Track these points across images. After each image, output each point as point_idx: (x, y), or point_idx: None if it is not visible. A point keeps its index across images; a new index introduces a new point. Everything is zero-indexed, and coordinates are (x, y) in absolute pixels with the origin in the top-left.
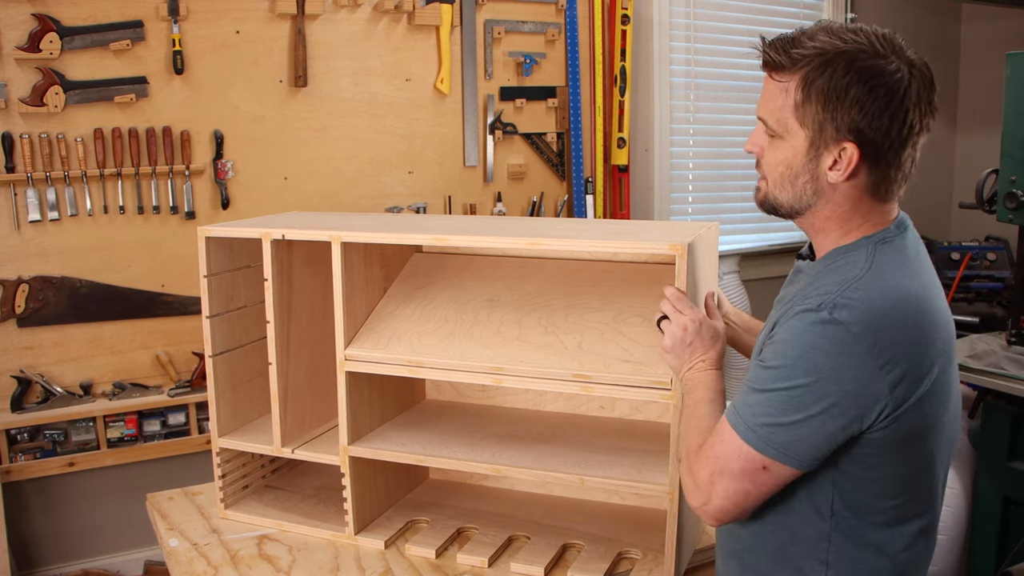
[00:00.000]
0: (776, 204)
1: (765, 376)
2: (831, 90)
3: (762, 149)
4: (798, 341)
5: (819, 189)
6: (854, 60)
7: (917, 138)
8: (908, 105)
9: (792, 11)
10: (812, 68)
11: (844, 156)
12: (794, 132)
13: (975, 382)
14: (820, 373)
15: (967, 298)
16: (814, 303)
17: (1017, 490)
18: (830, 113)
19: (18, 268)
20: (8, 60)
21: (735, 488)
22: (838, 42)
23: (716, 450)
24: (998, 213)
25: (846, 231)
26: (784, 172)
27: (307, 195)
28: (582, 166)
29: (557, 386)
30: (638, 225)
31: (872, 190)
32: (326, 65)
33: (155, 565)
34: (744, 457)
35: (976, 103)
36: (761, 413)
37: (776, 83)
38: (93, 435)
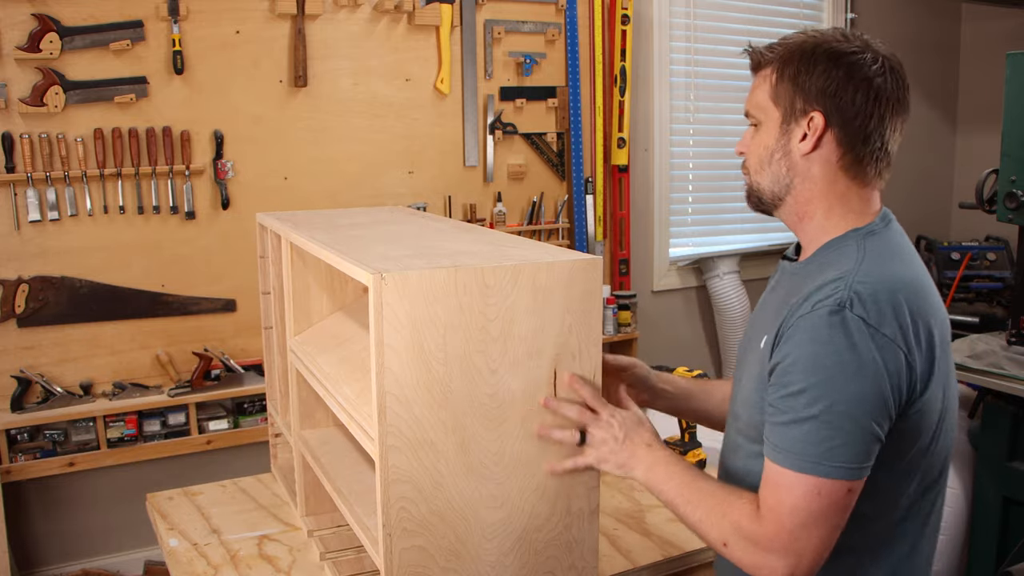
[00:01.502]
0: (759, 192)
1: (803, 401)
2: (801, 69)
3: (748, 147)
4: (827, 350)
5: (792, 165)
6: (822, 45)
7: (885, 119)
8: (875, 84)
9: (792, 11)
10: (786, 53)
11: (812, 125)
12: (770, 113)
13: (975, 382)
14: (862, 374)
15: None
16: (831, 304)
17: (1017, 490)
18: (798, 88)
19: (18, 268)
20: (8, 60)
21: (828, 528)
22: (808, 37)
23: (787, 505)
24: (998, 213)
25: (828, 215)
26: (762, 154)
27: (307, 195)
28: (582, 166)
29: None
30: (522, 245)
31: (845, 167)
32: (326, 65)
33: (155, 565)
34: (825, 493)
35: (976, 103)
36: (820, 441)
37: (757, 77)
38: (93, 435)
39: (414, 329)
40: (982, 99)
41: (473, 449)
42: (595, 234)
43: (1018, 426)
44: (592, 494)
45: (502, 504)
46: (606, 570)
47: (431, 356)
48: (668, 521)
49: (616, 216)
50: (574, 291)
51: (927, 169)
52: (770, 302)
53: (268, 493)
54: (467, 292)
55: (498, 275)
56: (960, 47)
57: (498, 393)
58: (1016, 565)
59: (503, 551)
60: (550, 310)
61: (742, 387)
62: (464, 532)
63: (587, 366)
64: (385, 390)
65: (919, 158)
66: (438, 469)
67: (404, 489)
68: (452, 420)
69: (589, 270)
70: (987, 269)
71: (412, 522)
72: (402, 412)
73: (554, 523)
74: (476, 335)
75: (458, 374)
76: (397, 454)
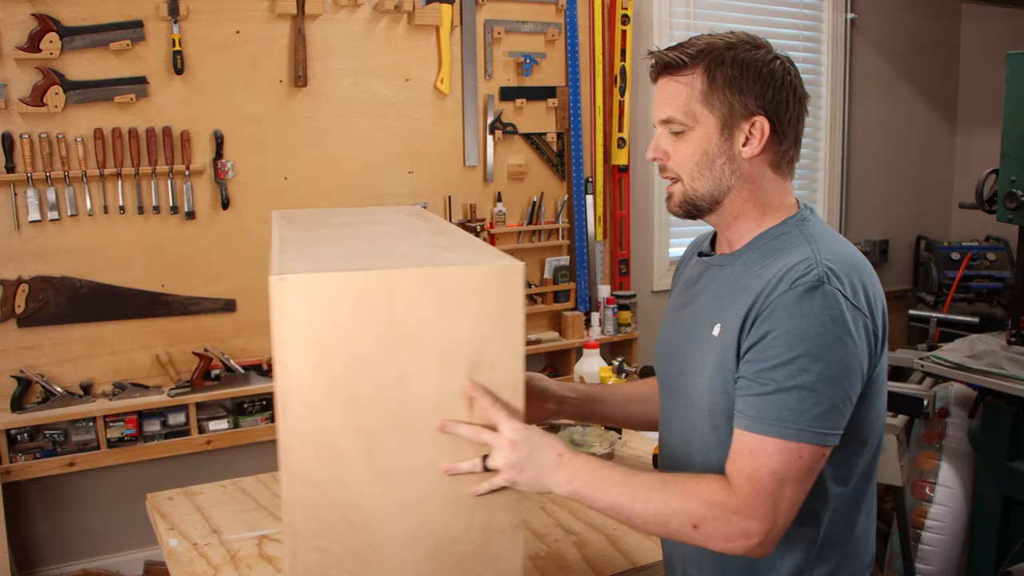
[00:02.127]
0: (695, 198)
1: (789, 371)
2: (733, 74)
3: (666, 153)
4: (811, 323)
5: (736, 168)
6: (743, 51)
7: (802, 116)
8: (793, 84)
9: (792, 11)
10: (711, 59)
11: (756, 130)
12: (703, 119)
13: (975, 382)
14: (843, 343)
15: (967, 298)
16: (811, 281)
17: (1017, 490)
18: (737, 94)
19: (18, 268)
20: (8, 60)
21: (802, 490)
22: (721, 41)
23: (767, 469)
24: (998, 213)
25: (762, 211)
26: (700, 159)
27: (307, 195)
28: (582, 166)
29: None
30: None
31: (775, 165)
32: (326, 65)
33: (155, 565)
34: (806, 456)
35: (976, 103)
36: (805, 409)
37: (676, 82)
38: (93, 435)
39: (316, 332)
40: (982, 99)
41: (382, 455)
42: (595, 234)
43: (1018, 426)
44: (513, 509)
45: (414, 513)
46: (606, 570)
47: (335, 359)
48: None
49: (616, 216)
50: (491, 299)
51: (927, 169)
52: (699, 293)
53: (268, 493)
54: (373, 296)
55: (406, 280)
56: (960, 47)
57: (408, 400)
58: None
59: (416, 560)
60: (463, 318)
61: (695, 378)
62: (373, 538)
63: (505, 377)
64: (286, 390)
65: (919, 158)
66: (344, 473)
67: (307, 490)
68: (358, 424)
69: (507, 278)
70: (987, 269)
71: (317, 523)
72: (304, 414)
73: (472, 536)
74: (383, 340)
75: (364, 379)
76: (299, 455)
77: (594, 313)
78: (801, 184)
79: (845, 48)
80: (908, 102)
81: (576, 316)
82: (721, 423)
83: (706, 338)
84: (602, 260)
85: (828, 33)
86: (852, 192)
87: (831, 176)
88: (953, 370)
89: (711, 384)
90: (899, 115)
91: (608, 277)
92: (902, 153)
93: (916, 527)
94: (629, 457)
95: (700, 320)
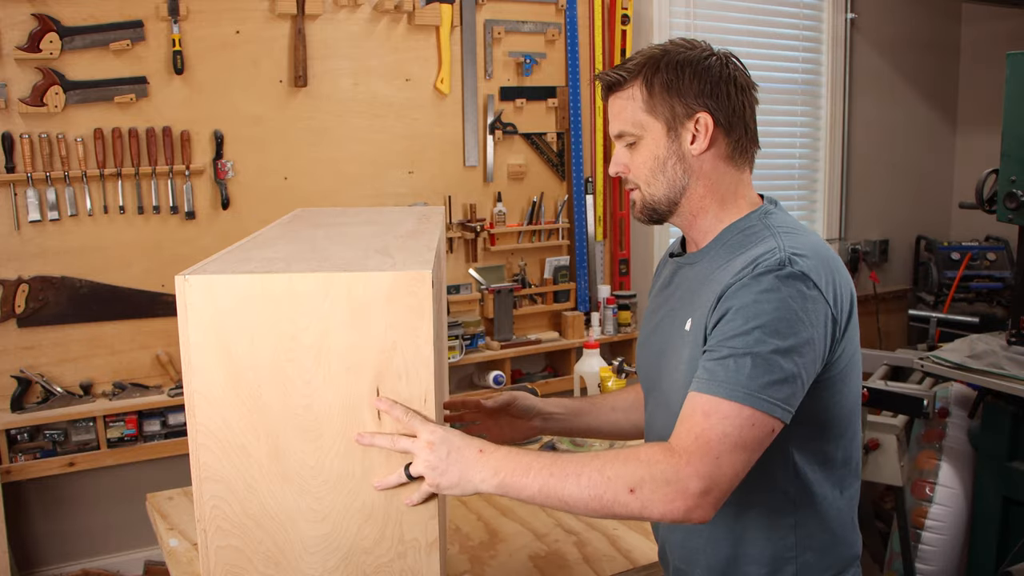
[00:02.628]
0: (654, 202)
1: (745, 341)
2: (669, 78)
3: (626, 166)
4: (770, 298)
5: (688, 167)
6: (676, 54)
7: (749, 105)
8: (734, 75)
9: (792, 11)
10: (647, 70)
11: (700, 125)
12: (650, 126)
13: (975, 382)
14: (800, 323)
15: (967, 298)
16: (772, 264)
17: (1017, 490)
18: (676, 96)
19: (18, 268)
20: (8, 60)
21: (747, 459)
22: (657, 49)
23: (717, 431)
24: (998, 213)
25: (720, 205)
26: (652, 164)
27: (307, 195)
28: (582, 166)
29: None
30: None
31: (728, 157)
32: (326, 65)
33: (155, 565)
34: (759, 424)
35: (976, 103)
36: (757, 376)
37: (620, 98)
38: (93, 435)
39: (221, 332)
40: (982, 99)
41: (288, 459)
42: (595, 234)
43: (1018, 426)
44: (429, 525)
45: (323, 519)
46: (606, 570)
47: (240, 361)
48: None
49: (616, 216)
50: (397, 307)
51: (927, 169)
52: (672, 293)
53: None
54: (275, 300)
55: (308, 284)
56: (960, 47)
57: (313, 405)
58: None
59: (327, 568)
60: (368, 325)
61: (671, 374)
62: (283, 541)
63: (415, 388)
64: (193, 389)
65: (919, 158)
66: (251, 473)
67: (216, 488)
68: (264, 427)
69: (414, 286)
70: (987, 269)
71: (226, 521)
72: (211, 413)
73: (384, 548)
74: (287, 344)
75: (268, 381)
76: (207, 453)
77: (594, 313)
78: (801, 184)
79: (845, 48)
80: (908, 102)
81: (576, 316)
82: None
83: (679, 335)
84: (602, 260)
85: (828, 33)
86: (852, 192)
87: (831, 176)
88: (953, 370)
89: (684, 378)
90: (899, 115)
91: (608, 277)
92: (902, 153)
93: (916, 527)
94: None
95: (674, 318)
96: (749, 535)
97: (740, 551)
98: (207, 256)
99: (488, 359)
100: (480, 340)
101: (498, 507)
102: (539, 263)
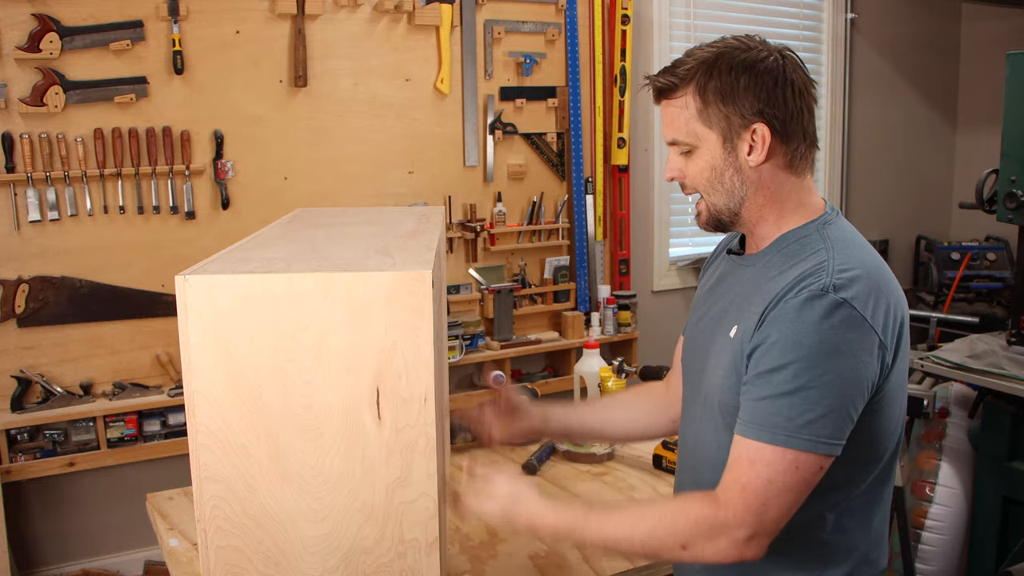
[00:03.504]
0: (717, 212)
1: (783, 377)
2: (723, 86)
3: (681, 172)
4: (809, 331)
5: (745, 179)
6: (731, 57)
7: (808, 111)
8: (791, 78)
9: (792, 11)
10: (700, 76)
11: (757, 137)
12: (704, 137)
13: (975, 382)
14: (841, 353)
15: (967, 298)
16: (815, 289)
17: (1017, 490)
18: (731, 106)
19: (18, 268)
20: (8, 60)
21: (794, 502)
22: (710, 51)
23: (762, 478)
24: (998, 213)
25: (780, 214)
26: (710, 176)
27: (307, 195)
28: (582, 166)
29: None
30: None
31: (788, 166)
32: (326, 65)
33: (155, 565)
34: (802, 466)
35: (976, 103)
36: (797, 415)
37: (673, 106)
38: (93, 435)
39: (221, 332)
40: (982, 99)
41: (288, 459)
42: (595, 234)
43: (1018, 426)
44: (429, 524)
45: (323, 519)
46: (606, 570)
47: (240, 361)
48: None
49: (616, 216)
50: (397, 307)
51: (927, 169)
52: (724, 292)
53: None
54: (275, 300)
55: (308, 284)
56: (960, 47)
57: (313, 405)
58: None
59: (327, 568)
60: (368, 325)
61: (712, 376)
62: (283, 541)
63: (415, 388)
64: (193, 389)
65: (919, 158)
66: (251, 473)
67: (216, 488)
68: (264, 426)
69: (414, 286)
70: (987, 269)
71: (227, 522)
72: (211, 412)
73: (385, 548)
74: (287, 344)
75: (268, 381)
76: (208, 453)
77: (594, 313)
78: None
79: (845, 48)
80: (908, 102)
81: (576, 316)
82: (733, 422)
83: (724, 338)
84: (602, 260)
85: (828, 33)
86: (852, 192)
87: (831, 176)
88: (953, 370)
89: (724, 383)
90: (899, 115)
91: (608, 277)
92: (902, 153)
93: (916, 527)
94: (629, 457)
95: (722, 320)
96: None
97: (768, 571)
98: (207, 256)
99: (488, 359)
100: (480, 340)
101: None
102: (539, 263)
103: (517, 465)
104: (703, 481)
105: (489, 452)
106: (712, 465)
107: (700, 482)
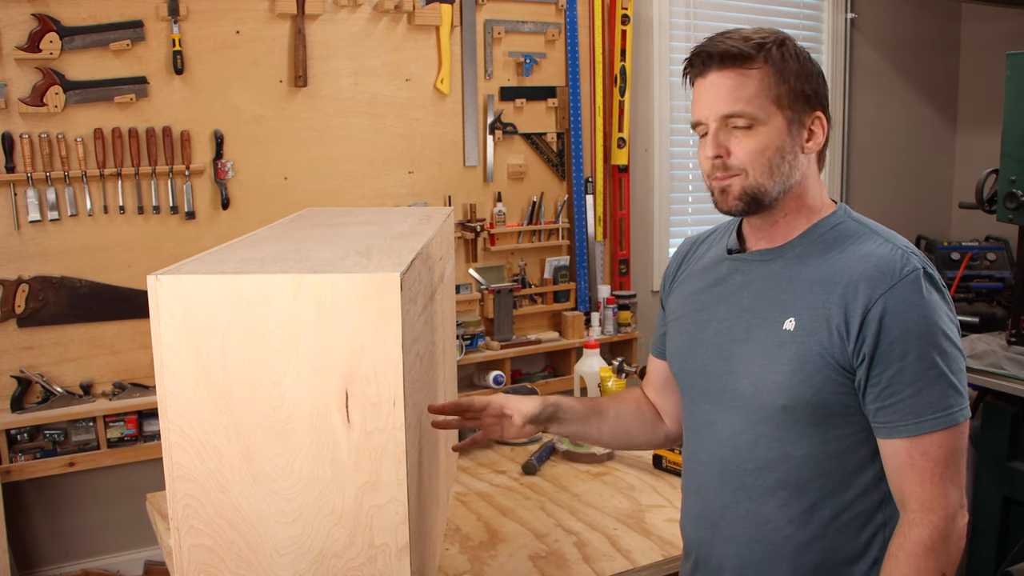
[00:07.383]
0: (760, 193)
1: (925, 364)
2: (800, 69)
3: (728, 149)
4: (928, 310)
5: (798, 164)
6: (793, 43)
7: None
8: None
9: (792, 11)
10: (776, 50)
11: (818, 126)
12: (772, 114)
13: (975, 382)
14: (952, 325)
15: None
16: (918, 271)
17: (1017, 490)
18: (803, 88)
19: (18, 268)
20: (8, 60)
21: (965, 461)
22: (771, 33)
23: (941, 463)
24: (998, 213)
25: (810, 203)
26: (772, 156)
27: (307, 195)
28: (582, 166)
29: None
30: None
31: (820, 155)
32: (326, 65)
33: (155, 565)
34: (963, 432)
35: (976, 103)
36: (947, 395)
37: (741, 75)
38: (93, 435)
39: (191, 332)
40: (982, 99)
41: (259, 460)
42: (595, 234)
43: (1018, 426)
44: (399, 530)
45: (294, 521)
46: (606, 570)
47: (210, 361)
48: (668, 521)
49: (616, 216)
50: (366, 310)
51: (927, 169)
52: (735, 292)
53: None
54: (245, 301)
55: (277, 286)
56: (960, 47)
57: (283, 407)
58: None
59: (298, 570)
60: (337, 327)
61: (751, 375)
62: (255, 542)
63: (383, 391)
64: (166, 388)
65: (919, 158)
66: (222, 474)
67: (189, 487)
68: (235, 427)
69: (381, 288)
70: (987, 269)
71: (199, 521)
72: (183, 412)
73: (355, 552)
74: (256, 344)
75: (239, 381)
76: (180, 452)
77: (594, 313)
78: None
79: (845, 48)
80: (908, 102)
81: (576, 316)
82: (803, 417)
83: (773, 333)
84: (602, 260)
85: (828, 33)
86: (852, 192)
87: (831, 176)
88: None
89: (788, 379)
90: (899, 115)
91: (608, 277)
92: (902, 153)
93: None
94: (630, 457)
95: (751, 317)
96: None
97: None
98: None
99: (488, 359)
100: (480, 340)
101: (498, 507)
102: (539, 263)
103: (517, 465)
104: (728, 473)
105: (489, 452)
106: (763, 464)
107: (726, 475)
